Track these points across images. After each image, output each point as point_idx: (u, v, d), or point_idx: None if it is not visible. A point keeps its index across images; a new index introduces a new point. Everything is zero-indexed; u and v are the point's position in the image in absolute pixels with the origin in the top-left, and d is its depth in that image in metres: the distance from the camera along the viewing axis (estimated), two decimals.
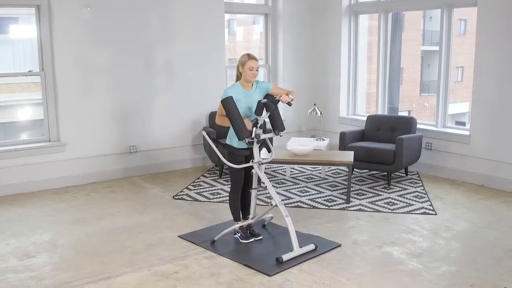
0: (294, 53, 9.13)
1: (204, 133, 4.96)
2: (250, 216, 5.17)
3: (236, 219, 5.13)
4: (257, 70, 4.83)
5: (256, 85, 4.94)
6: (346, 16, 8.88)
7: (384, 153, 6.99)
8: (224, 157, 4.98)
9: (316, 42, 9.28)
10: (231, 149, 4.92)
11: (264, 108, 4.79)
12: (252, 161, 4.88)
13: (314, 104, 7.98)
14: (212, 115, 7.97)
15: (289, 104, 4.97)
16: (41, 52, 6.87)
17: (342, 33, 8.88)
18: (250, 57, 4.83)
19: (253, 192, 5.08)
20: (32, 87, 8.28)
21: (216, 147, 5.01)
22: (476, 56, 7.01)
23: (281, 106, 8.98)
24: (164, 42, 7.70)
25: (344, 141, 7.41)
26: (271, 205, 4.94)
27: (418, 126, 7.65)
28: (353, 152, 6.80)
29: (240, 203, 5.11)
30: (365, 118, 8.11)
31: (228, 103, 4.66)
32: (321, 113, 7.95)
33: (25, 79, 9.26)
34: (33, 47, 6.99)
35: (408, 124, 7.50)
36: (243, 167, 4.91)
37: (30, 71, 6.99)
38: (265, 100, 4.79)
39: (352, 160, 6.42)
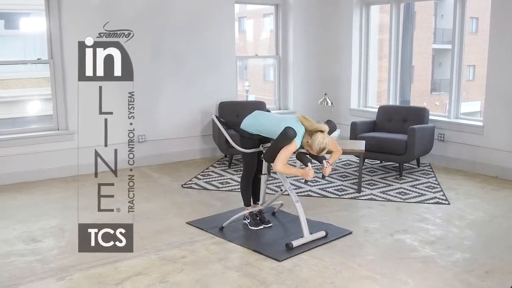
0: (305, 44, 9.03)
1: (213, 116, 4.89)
2: (260, 202, 5.09)
3: (247, 204, 5.05)
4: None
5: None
6: (357, 7, 8.77)
7: (396, 143, 6.88)
8: (234, 142, 4.91)
9: (327, 33, 9.16)
10: (244, 133, 4.82)
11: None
12: (262, 146, 4.81)
13: (325, 94, 7.89)
14: (222, 105, 7.90)
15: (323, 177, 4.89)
16: (50, 40, 6.82)
17: (353, 24, 8.77)
18: (320, 150, 4.47)
19: (263, 178, 5.00)
20: (42, 82, 8.25)
21: (226, 130, 4.94)
22: (490, 45, 6.89)
23: (291, 92, 8.93)
24: (173, 31, 7.63)
25: (355, 131, 7.30)
26: (281, 190, 4.86)
27: (431, 117, 7.52)
28: (364, 141, 6.70)
29: (251, 188, 5.03)
30: (376, 110, 7.99)
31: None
32: (332, 103, 7.86)
33: (35, 74, 9.23)
34: (43, 41, 6.96)
35: (420, 114, 7.38)
36: (253, 151, 4.82)
37: (39, 58, 6.95)
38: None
39: (364, 149, 6.32)
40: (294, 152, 4.60)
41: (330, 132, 4.61)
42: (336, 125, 4.78)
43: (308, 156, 4.62)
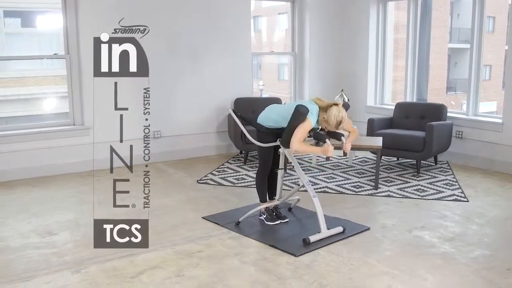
0: (321, 40, 8.97)
1: (230, 110, 4.85)
2: (276, 197, 5.04)
3: (262, 200, 5.00)
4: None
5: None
6: (374, 4, 8.69)
7: (414, 140, 6.79)
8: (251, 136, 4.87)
9: (344, 29, 9.08)
10: (261, 128, 4.78)
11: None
12: (279, 140, 4.76)
13: (342, 90, 7.82)
14: (238, 102, 7.86)
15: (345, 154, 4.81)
16: (67, 36, 6.83)
17: (370, 21, 8.69)
18: (337, 123, 4.41)
19: (280, 173, 4.96)
20: (58, 80, 8.28)
21: (242, 124, 4.90)
22: (508, 41, 6.78)
23: (307, 88, 8.87)
24: (189, 27, 7.61)
25: (372, 128, 7.23)
26: (298, 185, 4.80)
27: (448, 114, 7.41)
28: (381, 138, 6.62)
29: (267, 184, 4.98)
30: (393, 108, 7.90)
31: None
32: (348, 99, 7.79)
33: (51, 72, 9.26)
34: (59, 39, 6.96)
35: (438, 111, 7.28)
36: (270, 145, 4.78)
37: (55, 54, 6.96)
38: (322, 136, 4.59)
39: (381, 145, 6.24)
40: (310, 132, 4.57)
41: None
42: (349, 104, 4.73)
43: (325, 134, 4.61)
